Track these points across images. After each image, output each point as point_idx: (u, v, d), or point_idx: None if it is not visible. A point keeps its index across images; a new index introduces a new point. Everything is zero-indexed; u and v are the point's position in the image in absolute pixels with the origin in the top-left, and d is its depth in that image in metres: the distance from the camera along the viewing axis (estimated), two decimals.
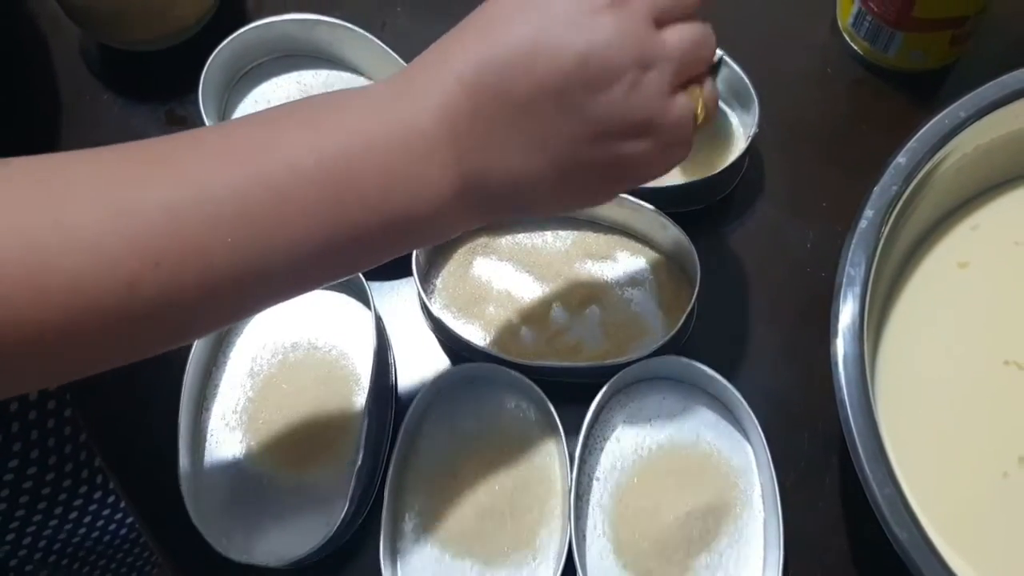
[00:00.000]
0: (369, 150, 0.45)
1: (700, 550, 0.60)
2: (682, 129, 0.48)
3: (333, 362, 0.66)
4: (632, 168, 0.49)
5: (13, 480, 0.72)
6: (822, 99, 0.76)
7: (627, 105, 0.45)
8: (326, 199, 0.44)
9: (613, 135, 0.46)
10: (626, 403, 0.64)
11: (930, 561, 0.48)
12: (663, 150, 0.49)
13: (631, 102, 0.45)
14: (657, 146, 0.48)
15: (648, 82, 0.46)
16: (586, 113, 0.45)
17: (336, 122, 0.46)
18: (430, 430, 0.64)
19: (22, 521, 0.75)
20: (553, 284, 0.68)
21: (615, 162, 0.47)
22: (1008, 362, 0.60)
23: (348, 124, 0.45)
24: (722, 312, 0.68)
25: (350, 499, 0.58)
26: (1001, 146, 0.62)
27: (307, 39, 0.75)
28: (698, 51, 0.49)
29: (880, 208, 0.56)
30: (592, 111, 0.45)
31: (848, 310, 0.54)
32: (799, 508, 0.61)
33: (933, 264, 0.63)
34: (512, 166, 0.46)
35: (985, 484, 0.57)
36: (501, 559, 0.60)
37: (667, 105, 0.47)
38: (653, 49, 0.46)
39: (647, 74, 0.46)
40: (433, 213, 0.46)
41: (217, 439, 0.65)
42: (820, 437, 0.64)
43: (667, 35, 0.47)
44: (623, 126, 0.46)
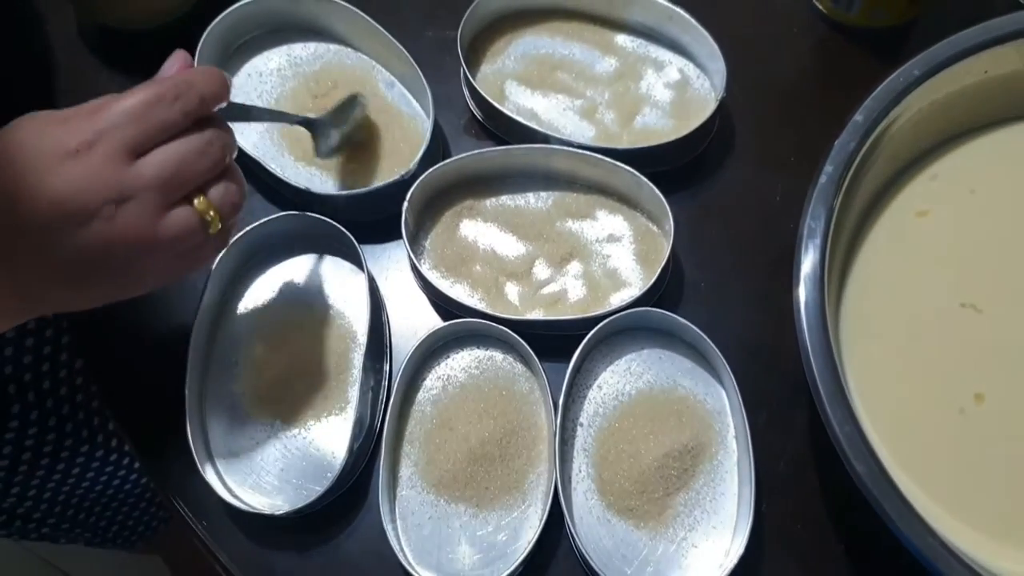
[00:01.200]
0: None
1: (678, 488, 0.63)
2: (187, 239, 0.52)
3: (330, 321, 0.69)
4: (143, 278, 0.54)
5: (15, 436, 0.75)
6: (788, 58, 0.79)
7: (109, 237, 0.49)
8: None
9: (103, 260, 0.50)
10: (607, 353, 0.68)
11: (887, 491, 0.51)
12: (179, 257, 0.53)
13: (112, 234, 0.49)
14: (166, 257, 0.53)
15: (126, 213, 0.49)
16: (74, 244, 0.49)
17: None
18: (423, 383, 0.67)
19: (25, 475, 0.78)
20: (536, 242, 0.71)
21: (119, 277, 0.52)
22: (965, 304, 0.63)
23: None
24: (696, 264, 0.71)
25: (348, 450, 0.62)
26: (956, 100, 0.64)
27: (296, 12, 0.78)
28: (190, 167, 0.52)
29: (839, 164, 0.59)
30: (79, 243, 0.49)
31: (809, 260, 0.57)
32: (771, 447, 0.65)
33: (894, 213, 0.66)
34: (23, 281, 0.50)
35: (943, 420, 0.61)
36: (492, 502, 0.64)
37: (156, 226, 0.51)
38: (127, 184, 0.49)
39: (124, 206, 0.49)
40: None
41: (222, 396, 0.68)
42: (790, 380, 0.67)
43: (144, 165, 0.50)
44: (113, 251, 0.50)
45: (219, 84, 0.54)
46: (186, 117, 0.52)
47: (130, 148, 0.50)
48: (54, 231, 0.48)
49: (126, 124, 0.49)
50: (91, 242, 0.49)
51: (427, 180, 0.69)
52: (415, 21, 0.81)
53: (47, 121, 0.49)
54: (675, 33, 0.76)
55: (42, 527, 0.87)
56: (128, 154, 0.50)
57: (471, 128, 0.77)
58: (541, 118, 0.75)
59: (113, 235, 0.49)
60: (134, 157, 0.50)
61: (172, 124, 0.51)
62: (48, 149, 0.48)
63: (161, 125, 0.51)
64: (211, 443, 0.66)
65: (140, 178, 0.50)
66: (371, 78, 0.77)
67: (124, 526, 0.99)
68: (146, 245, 0.51)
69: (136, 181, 0.49)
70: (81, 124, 0.49)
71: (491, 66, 0.78)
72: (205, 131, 0.53)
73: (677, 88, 0.75)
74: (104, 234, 0.49)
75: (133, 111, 0.50)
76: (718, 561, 0.61)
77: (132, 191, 0.49)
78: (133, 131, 0.50)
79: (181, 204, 0.52)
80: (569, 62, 0.77)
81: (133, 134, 0.50)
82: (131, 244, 0.50)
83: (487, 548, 0.63)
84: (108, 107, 0.50)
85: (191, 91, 0.52)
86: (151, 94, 0.50)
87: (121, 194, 0.49)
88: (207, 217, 0.53)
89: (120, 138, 0.49)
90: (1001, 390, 0.61)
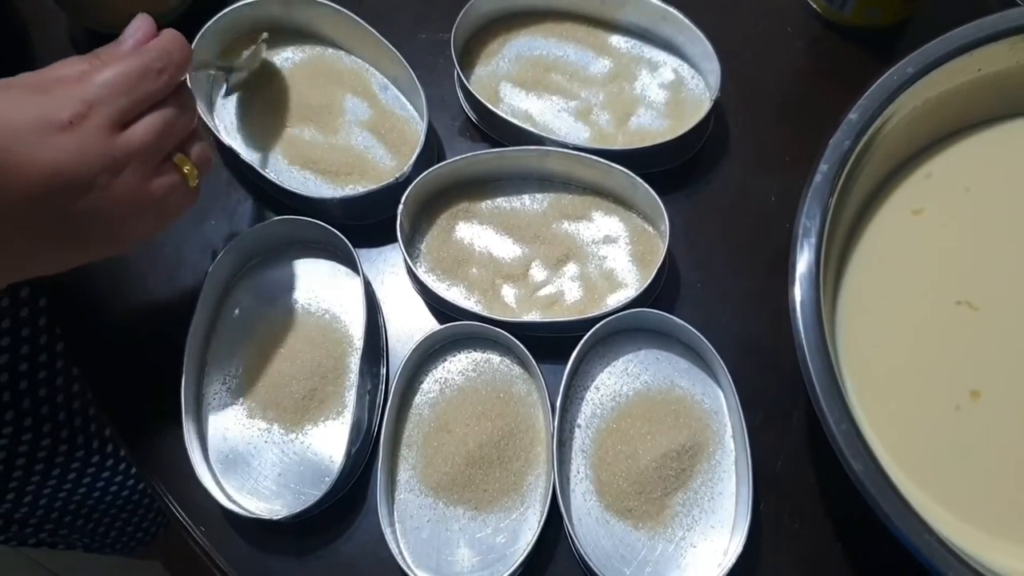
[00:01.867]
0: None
1: (676, 488, 0.63)
2: (174, 197, 0.56)
3: (326, 326, 0.69)
4: (133, 234, 0.56)
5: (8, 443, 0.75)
6: (783, 58, 0.79)
7: (105, 204, 0.51)
8: None
9: (100, 225, 0.52)
10: (604, 354, 0.68)
11: (884, 489, 0.51)
12: (159, 218, 0.57)
13: (109, 201, 0.52)
14: (152, 217, 0.56)
15: (122, 181, 0.52)
16: (68, 211, 0.50)
17: None
18: (421, 387, 0.67)
19: (20, 481, 0.78)
20: (532, 244, 0.71)
21: (111, 237, 0.54)
22: (960, 302, 0.63)
23: None
24: (692, 265, 0.71)
25: (346, 454, 0.62)
26: (950, 98, 0.64)
27: (288, 16, 0.78)
28: (171, 131, 0.55)
29: (833, 163, 0.59)
30: (73, 211, 0.50)
31: (805, 259, 0.57)
32: (768, 446, 0.65)
33: (889, 212, 0.67)
34: (12, 252, 0.51)
35: (939, 417, 0.61)
36: (491, 504, 0.64)
37: (148, 188, 0.54)
38: (118, 153, 0.52)
39: (119, 175, 0.52)
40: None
41: (218, 402, 0.68)
42: (787, 379, 0.67)
43: (133, 134, 0.53)
44: (108, 216, 0.52)
45: (188, 52, 0.57)
46: (168, 88, 0.55)
47: (119, 119, 0.52)
48: (46, 202, 0.49)
49: (116, 96, 0.51)
50: (84, 211, 0.51)
51: (422, 183, 0.69)
52: (408, 23, 0.81)
53: (24, 90, 0.50)
54: (669, 33, 0.76)
55: (39, 532, 0.87)
56: (117, 125, 0.52)
57: (466, 130, 0.77)
58: (536, 120, 0.75)
59: (107, 203, 0.51)
60: (122, 127, 0.52)
61: (157, 95, 0.54)
62: (35, 120, 0.49)
63: (148, 97, 0.53)
64: (208, 448, 0.66)
65: (130, 146, 0.52)
66: (365, 81, 0.77)
67: (123, 532, 0.99)
68: (141, 206, 0.53)
69: (127, 150, 0.52)
70: (68, 94, 0.50)
71: (485, 68, 0.78)
72: (180, 96, 0.56)
73: (671, 88, 0.76)
74: (98, 202, 0.51)
75: (122, 83, 0.52)
76: (716, 560, 0.61)
77: (125, 160, 0.52)
78: (124, 102, 0.52)
79: (164, 164, 0.55)
80: (563, 63, 0.77)
81: (124, 105, 0.52)
82: (124, 210, 0.52)
83: (486, 550, 0.63)
84: (93, 77, 0.51)
85: (171, 63, 0.55)
86: (138, 66, 0.53)
87: (115, 163, 0.51)
88: (186, 170, 0.57)
89: (111, 109, 0.51)
90: (997, 387, 0.61)
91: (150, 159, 0.54)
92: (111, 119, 0.51)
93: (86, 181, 0.50)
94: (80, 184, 0.50)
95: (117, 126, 0.52)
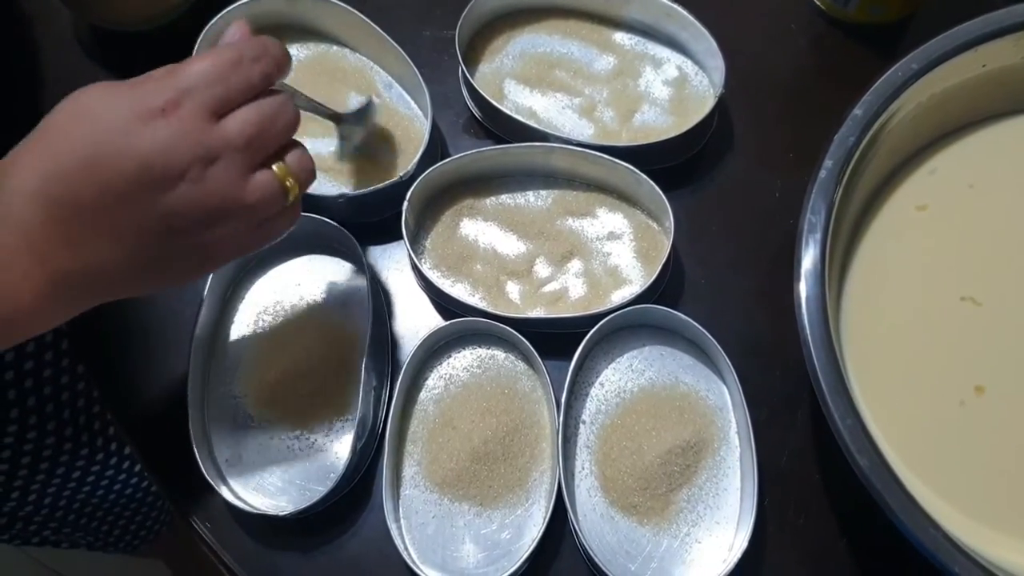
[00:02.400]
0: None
1: (681, 484, 0.63)
2: (269, 205, 0.51)
3: (332, 322, 0.69)
4: (222, 249, 0.52)
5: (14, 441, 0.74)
6: (787, 54, 0.79)
7: (196, 198, 0.48)
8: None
9: (190, 226, 0.49)
10: (608, 350, 0.68)
11: (889, 484, 0.52)
12: (257, 227, 0.52)
13: (199, 195, 0.48)
14: (246, 226, 0.51)
15: (214, 174, 0.48)
16: (158, 210, 0.47)
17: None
18: (426, 383, 0.68)
19: (25, 480, 0.78)
20: (536, 241, 0.71)
21: (200, 247, 0.50)
22: (964, 298, 0.63)
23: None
24: (697, 261, 0.72)
25: (352, 449, 0.62)
26: (954, 94, 0.64)
27: (292, 13, 0.78)
28: (269, 129, 0.51)
29: (838, 159, 0.59)
30: (163, 208, 0.47)
31: (810, 255, 0.57)
32: (773, 442, 0.65)
33: (893, 208, 0.67)
34: (93, 263, 0.48)
35: (944, 412, 0.61)
36: (496, 500, 0.64)
37: (243, 188, 0.50)
38: (214, 144, 0.48)
39: (212, 167, 0.48)
40: (20, 313, 0.48)
41: (224, 398, 0.68)
42: (791, 375, 0.67)
43: (228, 125, 0.49)
44: (198, 216, 0.49)
45: (286, 53, 0.53)
46: (265, 80, 0.51)
47: (214, 108, 0.49)
48: (136, 200, 0.47)
49: (210, 84, 0.49)
50: (178, 207, 0.48)
51: (427, 180, 0.69)
52: (412, 20, 0.81)
53: (112, 88, 0.48)
54: (673, 30, 0.76)
55: (43, 531, 0.87)
56: (212, 114, 0.49)
57: (470, 127, 0.77)
58: (540, 116, 0.75)
59: (201, 197, 0.48)
60: (217, 118, 0.49)
61: (253, 85, 0.51)
62: (127, 110, 0.47)
63: (244, 85, 0.50)
64: (214, 445, 0.66)
65: (225, 137, 0.49)
66: (369, 79, 0.77)
67: (126, 530, 0.99)
68: (232, 209, 0.50)
69: (222, 140, 0.49)
70: (160, 85, 0.48)
71: (489, 65, 0.78)
72: (277, 96, 0.52)
73: (676, 85, 0.76)
74: (188, 198, 0.48)
75: (216, 71, 0.49)
76: (721, 556, 0.61)
77: (219, 150, 0.48)
78: (219, 90, 0.49)
79: (262, 168, 0.51)
80: (567, 60, 0.77)
81: (218, 93, 0.49)
82: (218, 207, 0.49)
83: (491, 546, 0.63)
84: (186, 68, 0.49)
85: (268, 55, 0.51)
86: (233, 55, 0.50)
87: (209, 153, 0.48)
88: (287, 183, 0.52)
89: (205, 97, 0.48)
90: (1001, 382, 0.61)
91: (247, 153, 0.50)
92: (206, 107, 0.48)
93: (178, 171, 0.47)
94: (172, 174, 0.47)
95: (213, 115, 0.49)
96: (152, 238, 0.49)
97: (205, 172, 0.48)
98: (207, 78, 0.49)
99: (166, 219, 0.48)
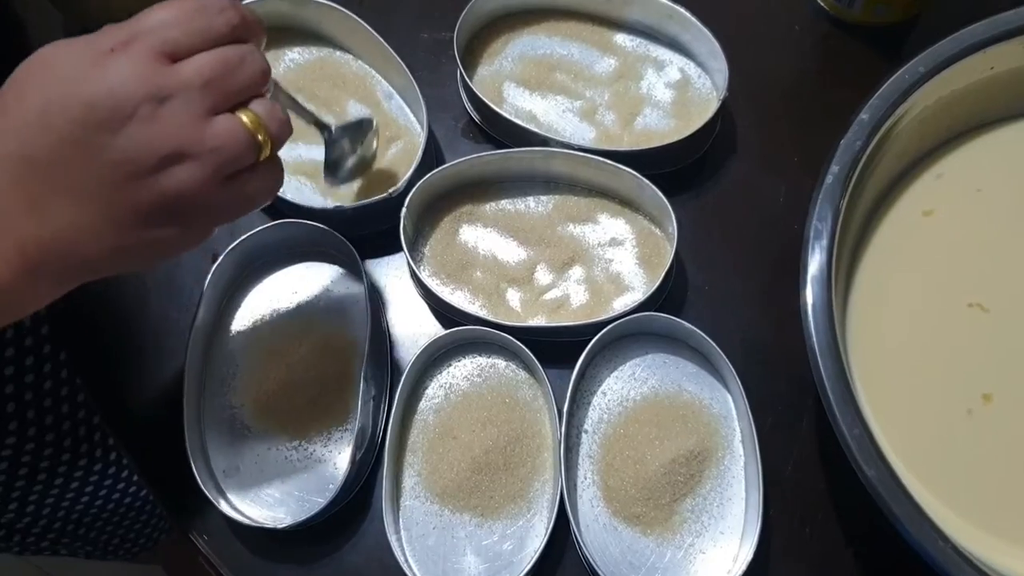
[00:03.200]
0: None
1: (685, 494, 0.63)
2: (235, 152, 0.48)
3: (330, 331, 0.69)
4: (192, 206, 0.48)
5: (12, 453, 0.74)
6: (791, 57, 0.78)
7: (148, 139, 0.45)
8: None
9: (145, 170, 0.46)
10: (610, 358, 0.67)
11: (897, 495, 0.51)
12: (228, 181, 0.49)
13: (151, 135, 0.45)
14: (212, 176, 0.47)
15: (167, 113, 0.45)
16: (110, 154, 0.45)
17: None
18: (425, 392, 0.67)
19: (23, 490, 0.78)
20: (537, 247, 0.70)
21: (163, 198, 0.47)
22: (972, 304, 0.63)
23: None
24: (700, 267, 0.71)
25: (351, 460, 0.61)
26: (961, 97, 0.64)
27: (294, 16, 0.77)
28: (231, 74, 0.48)
29: (845, 163, 0.58)
30: (114, 151, 0.45)
31: (816, 261, 0.56)
32: (778, 451, 0.64)
33: (900, 213, 0.66)
34: (62, 225, 0.46)
35: (952, 421, 0.60)
36: (497, 511, 0.63)
37: (201, 131, 0.47)
38: (166, 82, 0.45)
39: (165, 106, 0.45)
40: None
41: (221, 408, 0.67)
42: (796, 383, 0.67)
43: (184, 66, 0.46)
44: (152, 158, 0.46)
45: (258, 20, 0.51)
46: (230, 30, 0.48)
47: (169, 50, 0.46)
48: (91, 141, 0.45)
49: (167, 26, 0.46)
50: (130, 149, 0.45)
51: (425, 186, 0.68)
52: (410, 23, 0.80)
53: (72, 40, 0.46)
54: (675, 31, 0.75)
55: (41, 542, 0.86)
56: (166, 56, 0.46)
57: (469, 131, 0.76)
58: (540, 120, 0.74)
59: (152, 138, 0.45)
60: (172, 60, 0.46)
61: (214, 32, 0.48)
62: (80, 57, 0.45)
63: (205, 32, 0.47)
64: (211, 457, 0.65)
65: (180, 76, 0.46)
66: (370, 88, 0.76)
67: (124, 539, 0.98)
68: (189, 151, 0.46)
69: (176, 79, 0.46)
70: (115, 29, 0.46)
71: (488, 68, 0.77)
72: (244, 44, 0.49)
73: (678, 88, 0.75)
74: (144, 137, 0.45)
75: (174, 16, 0.47)
76: (726, 567, 0.61)
77: (172, 89, 0.45)
78: (174, 33, 0.46)
79: (226, 114, 0.48)
80: (568, 62, 0.77)
81: (173, 36, 0.46)
82: (174, 149, 0.46)
83: (493, 557, 0.62)
84: (146, 14, 0.47)
85: (234, 8, 0.49)
86: (196, 3, 0.48)
87: (160, 92, 0.45)
88: (257, 136, 0.49)
89: (158, 39, 0.46)
90: (1009, 390, 0.60)
91: (204, 94, 0.46)
92: (158, 48, 0.45)
93: (127, 110, 0.44)
94: (120, 115, 0.44)
95: (166, 57, 0.46)
96: (111, 191, 0.46)
97: (157, 111, 0.45)
98: (164, 22, 0.47)
99: (121, 165, 0.45)
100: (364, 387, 0.62)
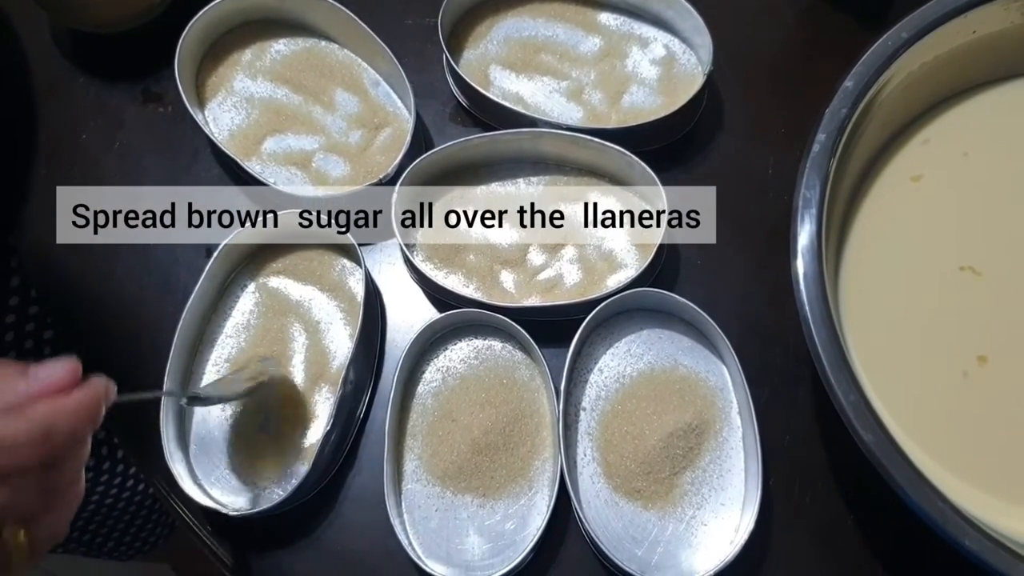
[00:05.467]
0: None
1: (684, 467, 0.63)
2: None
3: (322, 319, 0.69)
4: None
5: None
6: (774, 29, 0.78)
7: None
8: None
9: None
10: (606, 336, 0.67)
11: (895, 459, 0.51)
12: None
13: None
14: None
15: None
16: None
17: None
18: (423, 376, 0.67)
19: None
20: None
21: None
22: (963, 268, 0.63)
23: None
24: (691, 242, 0.71)
25: (331, 419, 0.61)
26: (946, 62, 0.64)
27: (282, 7, 0.77)
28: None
29: (831, 132, 0.58)
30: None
31: (806, 231, 0.56)
32: (775, 421, 0.65)
33: (888, 180, 0.66)
34: None
35: (948, 384, 0.61)
36: (499, 491, 0.63)
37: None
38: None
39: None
40: None
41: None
42: (791, 353, 0.67)
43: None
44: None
45: (87, 419, 0.46)
46: (29, 466, 0.43)
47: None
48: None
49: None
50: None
51: (415, 171, 0.68)
52: (394, 10, 0.80)
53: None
54: (659, 8, 0.75)
55: None
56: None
57: (457, 116, 0.76)
58: (527, 102, 0.74)
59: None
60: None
61: (5, 472, 0.42)
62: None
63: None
64: (195, 455, 0.65)
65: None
66: (357, 76, 0.76)
67: (120, 541, 0.99)
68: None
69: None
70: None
71: (474, 51, 0.77)
72: (53, 470, 0.44)
73: (663, 64, 0.75)
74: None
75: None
76: (728, 538, 0.61)
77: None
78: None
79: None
80: (552, 43, 0.77)
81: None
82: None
83: (496, 537, 0.62)
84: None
85: (47, 443, 0.43)
86: (11, 433, 0.42)
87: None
88: (12, 552, 0.44)
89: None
90: (1003, 351, 0.61)
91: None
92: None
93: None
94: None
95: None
96: None
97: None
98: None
99: None
100: (351, 360, 0.63)
